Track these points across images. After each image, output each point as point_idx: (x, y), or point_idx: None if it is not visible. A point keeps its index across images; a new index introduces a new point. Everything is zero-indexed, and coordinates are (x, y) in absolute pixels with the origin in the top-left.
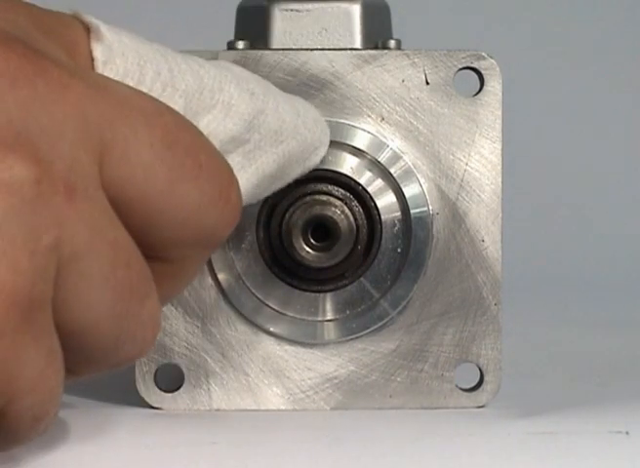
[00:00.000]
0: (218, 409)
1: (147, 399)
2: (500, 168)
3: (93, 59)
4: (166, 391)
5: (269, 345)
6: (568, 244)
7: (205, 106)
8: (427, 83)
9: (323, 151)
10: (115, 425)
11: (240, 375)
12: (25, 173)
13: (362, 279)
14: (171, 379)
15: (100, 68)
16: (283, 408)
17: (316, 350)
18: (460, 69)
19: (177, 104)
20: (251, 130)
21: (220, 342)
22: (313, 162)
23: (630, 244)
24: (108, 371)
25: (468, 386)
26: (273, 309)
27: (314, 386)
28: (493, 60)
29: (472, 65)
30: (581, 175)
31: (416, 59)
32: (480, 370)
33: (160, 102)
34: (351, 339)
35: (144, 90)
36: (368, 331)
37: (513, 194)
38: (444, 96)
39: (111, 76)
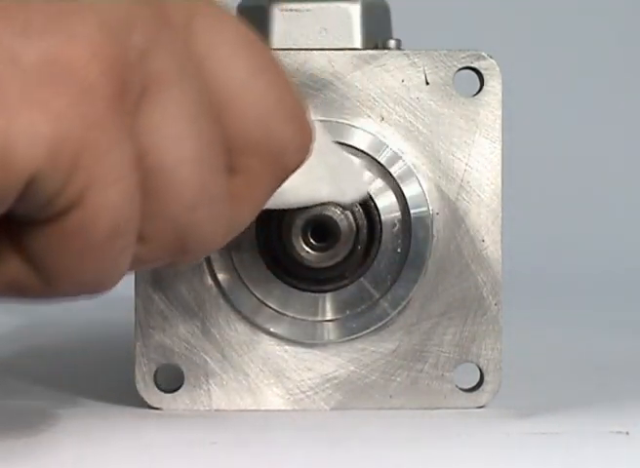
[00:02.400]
0: (218, 410)
1: (147, 399)
2: (499, 168)
3: None
4: (166, 391)
5: (269, 345)
6: (568, 244)
7: None
8: (427, 83)
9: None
10: (115, 425)
11: (240, 376)
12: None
13: (362, 279)
14: (171, 379)
15: None
16: (283, 408)
17: (316, 350)
18: (460, 69)
19: None
20: None
21: (220, 342)
22: None
23: (630, 244)
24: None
25: (468, 386)
26: (273, 309)
27: (314, 386)
28: (493, 60)
29: (472, 65)
30: (582, 175)
31: (416, 59)
32: (480, 370)
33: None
34: (351, 339)
35: None
36: (368, 331)
37: (513, 194)
38: (444, 96)
39: None
